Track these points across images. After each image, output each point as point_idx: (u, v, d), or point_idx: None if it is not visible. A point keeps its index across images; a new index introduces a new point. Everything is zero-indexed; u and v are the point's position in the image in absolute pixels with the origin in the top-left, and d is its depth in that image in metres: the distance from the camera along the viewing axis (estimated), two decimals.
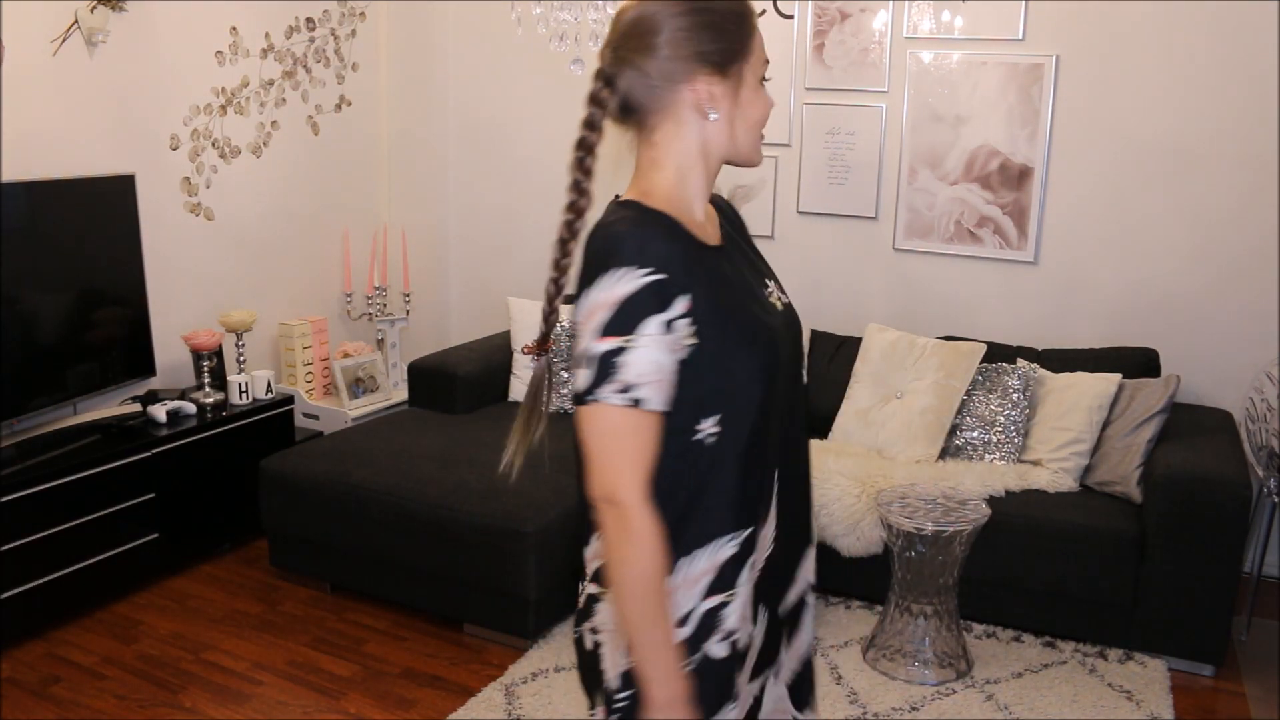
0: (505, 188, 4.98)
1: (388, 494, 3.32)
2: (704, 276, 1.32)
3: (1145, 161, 3.80)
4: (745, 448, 1.35)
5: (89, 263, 3.50)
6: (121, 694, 2.97)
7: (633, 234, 1.29)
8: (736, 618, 1.38)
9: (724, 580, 1.37)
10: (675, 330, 1.28)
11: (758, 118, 1.45)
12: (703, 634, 1.37)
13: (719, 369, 1.31)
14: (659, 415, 1.29)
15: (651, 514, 1.29)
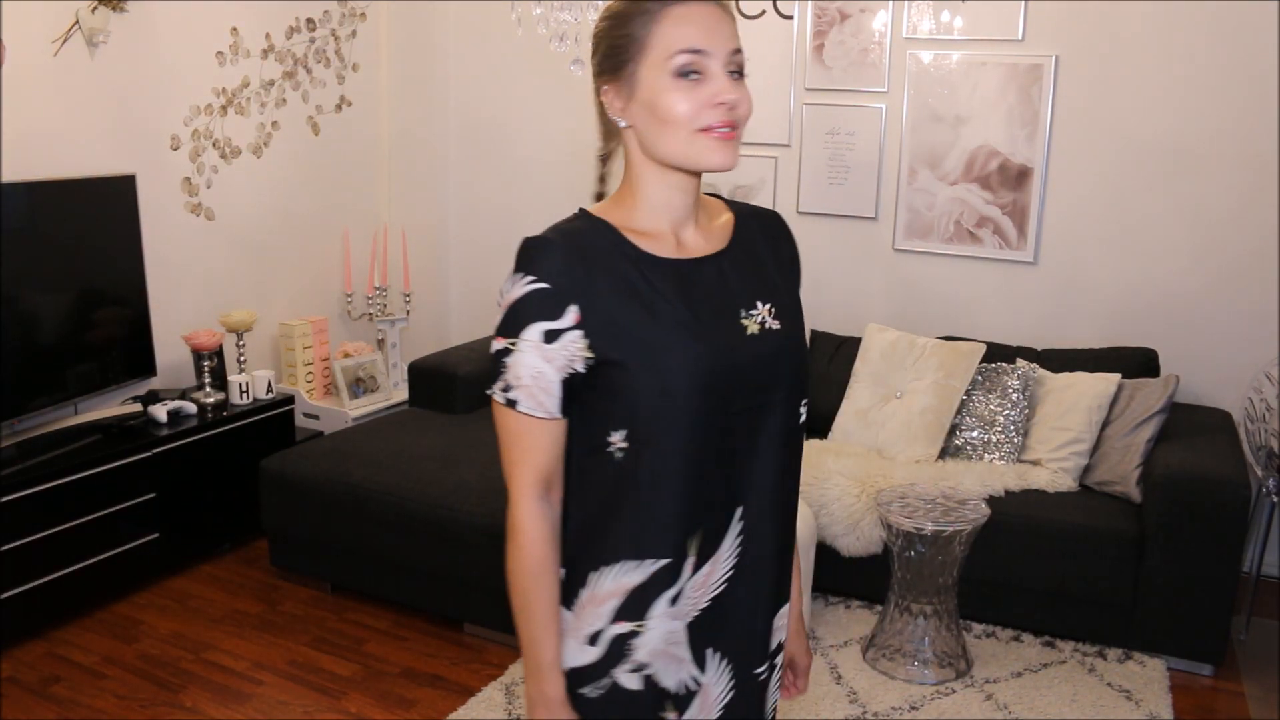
0: (505, 188, 4.98)
1: (388, 494, 3.32)
2: (611, 288, 1.29)
3: (1145, 161, 3.81)
4: (664, 472, 1.30)
5: (89, 263, 3.50)
6: (122, 694, 2.97)
7: (538, 243, 1.31)
8: (648, 652, 1.34)
9: (632, 608, 1.33)
10: (562, 340, 1.28)
11: (668, 114, 1.27)
12: (611, 660, 1.35)
13: (619, 383, 1.29)
14: (541, 420, 1.30)
15: (536, 512, 1.31)
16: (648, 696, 1.35)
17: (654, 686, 1.35)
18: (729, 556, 1.36)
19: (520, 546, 1.32)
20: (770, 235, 1.45)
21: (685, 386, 1.28)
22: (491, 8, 4.77)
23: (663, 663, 1.35)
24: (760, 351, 1.34)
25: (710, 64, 1.27)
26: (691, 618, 1.35)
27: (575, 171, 4.78)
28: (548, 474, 1.33)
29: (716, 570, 1.36)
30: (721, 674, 1.39)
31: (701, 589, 1.35)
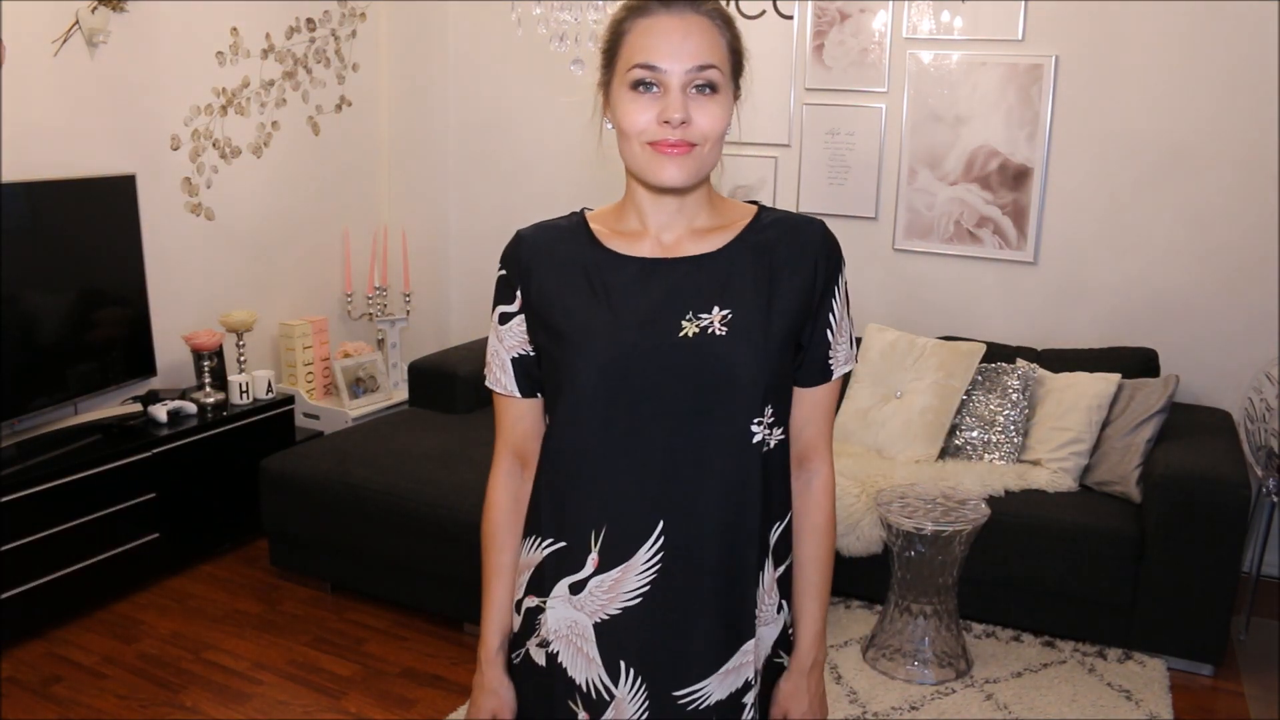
0: (505, 188, 4.98)
1: (388, 494, 3.32)
2: (559, 281, 1.35)
3: (1145, 161, 3.81)
4: (571, 459, 1.34)
5: (90, 263, 3.50)
6: (122, 693, 2.97)
7: (515, 236, 1.43)
8: (551, 632, 1.36)
9: (537, 584, 1.39)
10: (510, 323, 1.41)
11: (623, 125, 1.30)
12: (525, 631, 1.41)
13: (548, 370, 1.38)
14: (503, 396, 1.43)
15: (499, 482, 1.44)
16: (555, 680, 1.36)
17: (562, 673, 1.36)
18: (642, 569, 1.32)
19: (485, 510, 1.45)
20: (795, 245, 1.37)
21: (586, 379, 1.31)
22: (491, 8, 4.77)
23: (569, 652, 1.36)
24: (686, 358, 1.30)
25: (668, 79, 1.26)
26: (598, 619, 1.34)
27: (575, 171, 4.78)
28: (517, 447, 1.44)
29: (627, 579, 1.32)
30: (635, 692, 1.34)
31: (610, 593, 1.33)
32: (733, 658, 1.35)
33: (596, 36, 3.28)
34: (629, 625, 1.33)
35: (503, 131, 4.92)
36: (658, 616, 1.32)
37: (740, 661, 1.35)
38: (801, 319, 1.36)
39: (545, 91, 4.78)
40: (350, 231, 4.73)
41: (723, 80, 1.28)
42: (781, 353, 1.34)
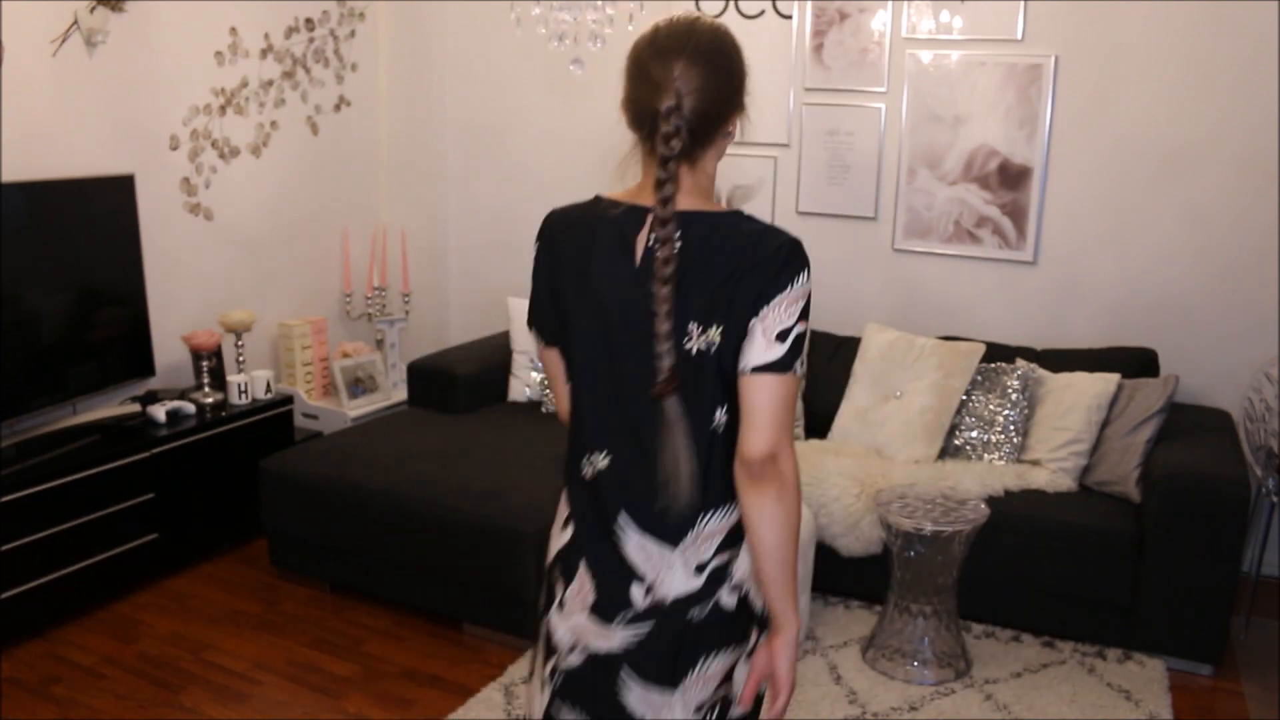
0: (505, 187, 4.98)
1: (387, 494, 3.32)
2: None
3: (1145, 161, 3.81)
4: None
5: (89, 263, 3.50)
6: (121, 694, 2.97)
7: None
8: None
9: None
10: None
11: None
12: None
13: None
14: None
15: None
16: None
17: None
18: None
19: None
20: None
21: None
22: (490, 7, 4.77)
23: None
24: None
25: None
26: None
27: (574, 171, 4.77)
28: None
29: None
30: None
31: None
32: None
33: (595, 36, 3.28)
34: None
35: (501, 131, 4.92)
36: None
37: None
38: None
39: (544, 91, 4.78)
40: (349, 231, 4.73)
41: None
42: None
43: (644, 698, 1.55)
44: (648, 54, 1.48)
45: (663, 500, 1.51)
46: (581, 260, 1.53)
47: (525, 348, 4.22)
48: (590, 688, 1.57)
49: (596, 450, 1.56)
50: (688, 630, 1.53)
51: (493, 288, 5.05)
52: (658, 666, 1.54)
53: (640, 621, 1.54)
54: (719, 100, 1.47)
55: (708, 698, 1.55)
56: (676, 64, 1.44)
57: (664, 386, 1.44)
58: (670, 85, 1.44)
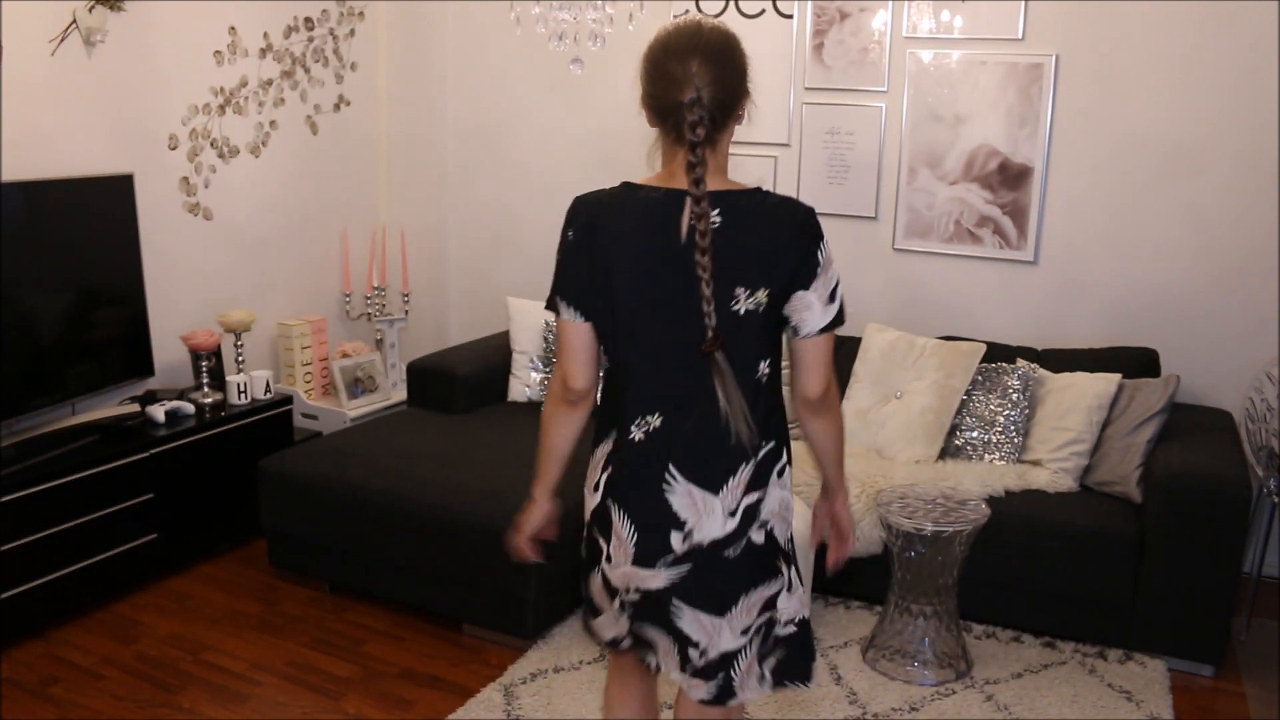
0: (504, 187, 4.98)
1: (387, 494, 3.32)
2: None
3: (1145, 161, 3.80)
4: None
5: (87, 263, 3.49)
6: (120, 694, 2.96)
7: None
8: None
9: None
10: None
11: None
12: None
13: None
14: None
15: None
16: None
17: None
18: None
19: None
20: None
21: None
22: (490, 7, 4.77)
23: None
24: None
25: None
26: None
27: (574, 170, 4.77)
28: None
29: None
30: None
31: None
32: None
33: (595, 36, 3.28)
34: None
35: (501, 131, 4.92)
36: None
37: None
38: None
39: (544, 91, 4.78)
40: (349, 231, 4.73)
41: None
42: None
43: (695, 620, 1.82)
44: (664, 56, 1.71)
45: (732, 438, 1.75)
46: (628, 240, 1.74)
47: (525, 348, 4.21)
48: (652, 612, 1.85)
49: (649, 413, 1.78)
50: (724, 566, 1.79)
51: (492, 288, 5.04)
52: (703, 598, 1.81)
53: (680, 564, 1.80)
54: (732, 89, 1.72)
55: (753, 622, 1.84)
56: (693, 62, 1.68)
57: (713, 343, 1.69)
58: (690, 81, 1.68)
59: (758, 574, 1.83)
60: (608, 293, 1.76)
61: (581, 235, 1.78)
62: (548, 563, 3.16)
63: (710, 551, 1.79)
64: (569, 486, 2.02)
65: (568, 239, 1.81)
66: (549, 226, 4.93)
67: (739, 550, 1.80)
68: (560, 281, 1.81)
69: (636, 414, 1.79)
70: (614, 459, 1.83)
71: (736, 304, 1.71)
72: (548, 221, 4.91)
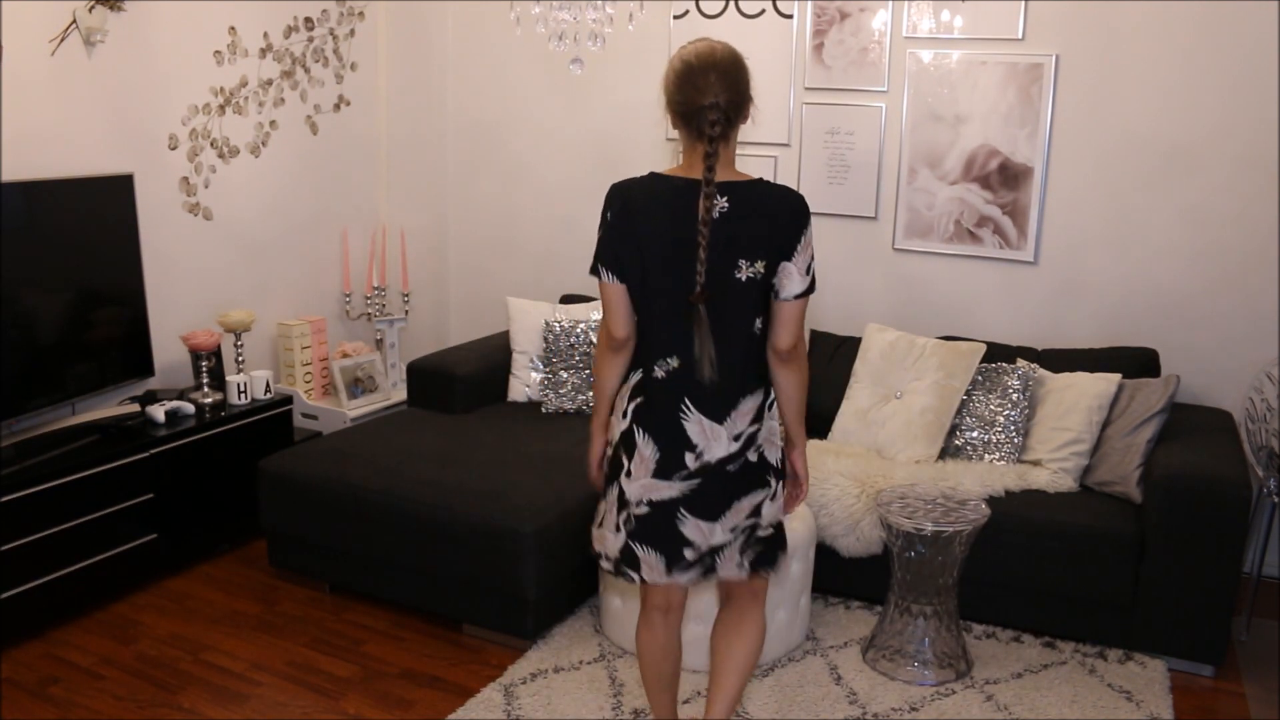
0: (504, 187, 4.98)
1: (387, 494, 3.32)
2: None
3: (1145, 161, 3.80)
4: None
5: (87, 263, 3.49)
6: (120, 694, 2.96)
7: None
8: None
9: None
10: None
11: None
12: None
13: None
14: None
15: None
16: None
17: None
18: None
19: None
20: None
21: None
22: (490, 7, 4.77)
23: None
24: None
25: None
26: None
27: (574, 169, 4.77)
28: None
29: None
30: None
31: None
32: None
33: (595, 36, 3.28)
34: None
35: (501, 131, 4.92)
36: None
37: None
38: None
39: (544, 91, 4.78)
40: (349, 231, 4.73)
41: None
42: None
43: (695, 526, 2.25)
44: (688, 71, 2.14)
45: (709, 376, 2.16)
46: (658, 217, 2.15)
47: (525, 348, 4.21)
48: (655, 526, 2.25)
49: (669, 356, 2.19)
50: (725, 479, 2.23)
51: (492, 287, 5.05)
52: (704, 506, 2.24)
53: (691, 478, 2.22)
54: (741, 95, 2.16)
55: (740, 523, 2.27)
56: (712, 75, 2.12)
57: (699, 296, 2.10)
58: (710, 89, 2.11)
59: (750, 484, 2.26)
60: (639, 260, 2.16)
61: (619, 215, 2.18)
62: (548, 563, 3.18)
63: (716, 468, 2.22)
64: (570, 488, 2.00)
65: (607, 218, 2.19)
66: (549, 226, 4.94)
67: (738, 466, 2.23)
68: (601, 252, 2.20)
69: (659, 356, 2.20)
70: (641, 391, 2.24)
71: (739, 272, 2.13)
72: (548, 221, 4.91)
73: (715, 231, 2.09)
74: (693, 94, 2.12)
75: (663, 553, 2.27)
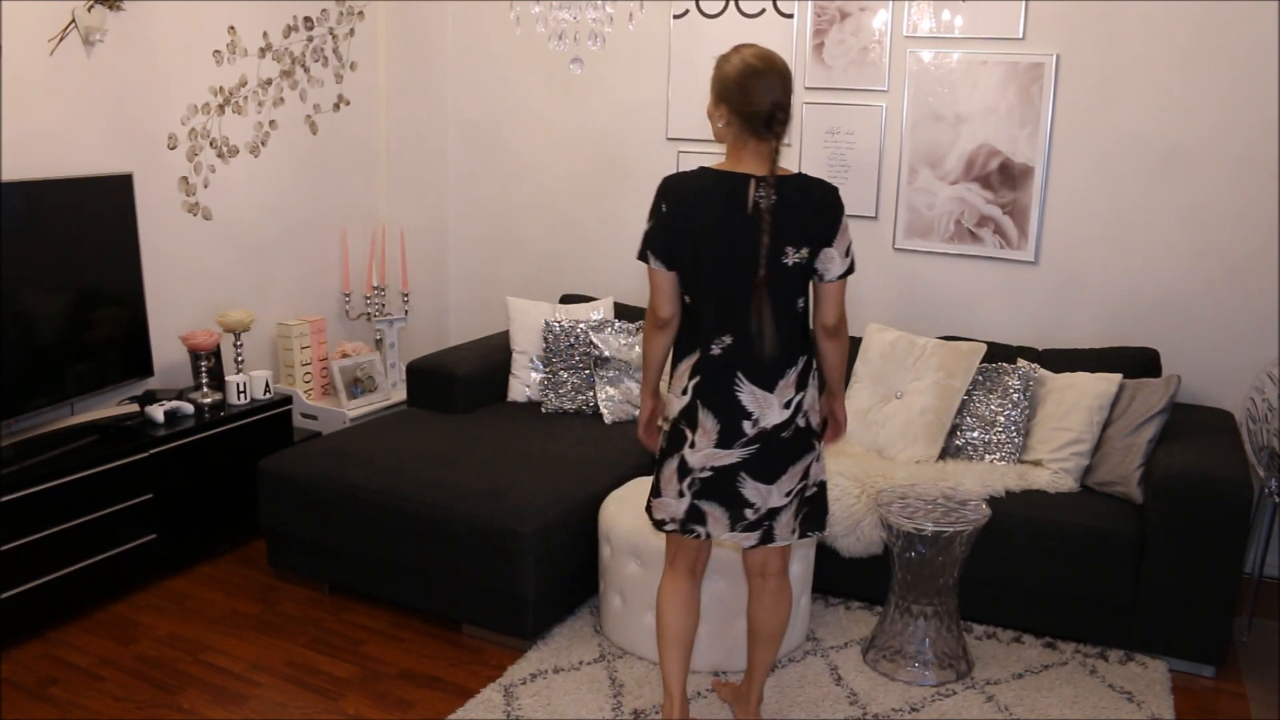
0: (504, 187, 4.97)
1: (386, 494, 3.31)
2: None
3: (1145, 161, 3.80)
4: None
5: (87, 263, 3.49)
6: (119, 695, 2.96)
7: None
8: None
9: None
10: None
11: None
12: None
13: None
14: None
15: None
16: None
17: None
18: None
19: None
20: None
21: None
22: (490, 7, 4.76)
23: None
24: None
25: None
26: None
27: (574, 169, 4.77)
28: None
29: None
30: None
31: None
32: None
33: (595, 35, 3.27)
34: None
35: (501, 131, 4.91)
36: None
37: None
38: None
39: (544, 90, 4.77)
40: (348, 231, 4.72)
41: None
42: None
43: (754, 488, 2.45)
44: (751, 73, 2.32)
45: (769, 350, 2.38)
46: (713, 209, 2.34)
47: (525, 348, 4.21)
48: (718, 486, 2.46)
49: (723, 334, 2.40)
50: (780, 444, 2.45)
51: (492, 287, 5.04)
52: (763, 469, 2.45)
53: (750, 444, 2.43)
54: (791, 98, 2.36)
55: (794, 486, 2.49)
56: (774, 77, 2.33)
57: (763, 279, 2.34)
58: (772, 90, 2.31)
59: (801, 449, 2.48)
60: (693, 248, 2.36)
61: (673, 206, 2.37)
62: (548, 563, 3.18)
63: (772, 434, 2.43)
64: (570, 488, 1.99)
65: (661, 209, 2.39)
66: (549, 226, 4.94)
67: (790, 433, 2.45)
68: (650, 240, 2.41)
69: (714, 335, 2.40)
70: (699, 369, 2.43)
71: (787, 258, 2.35)
72: (548, 221, 4.91)
73: (767, 214, 2.31)
74: (757, 95, 2.30)
75: (727, 508, 2.47)
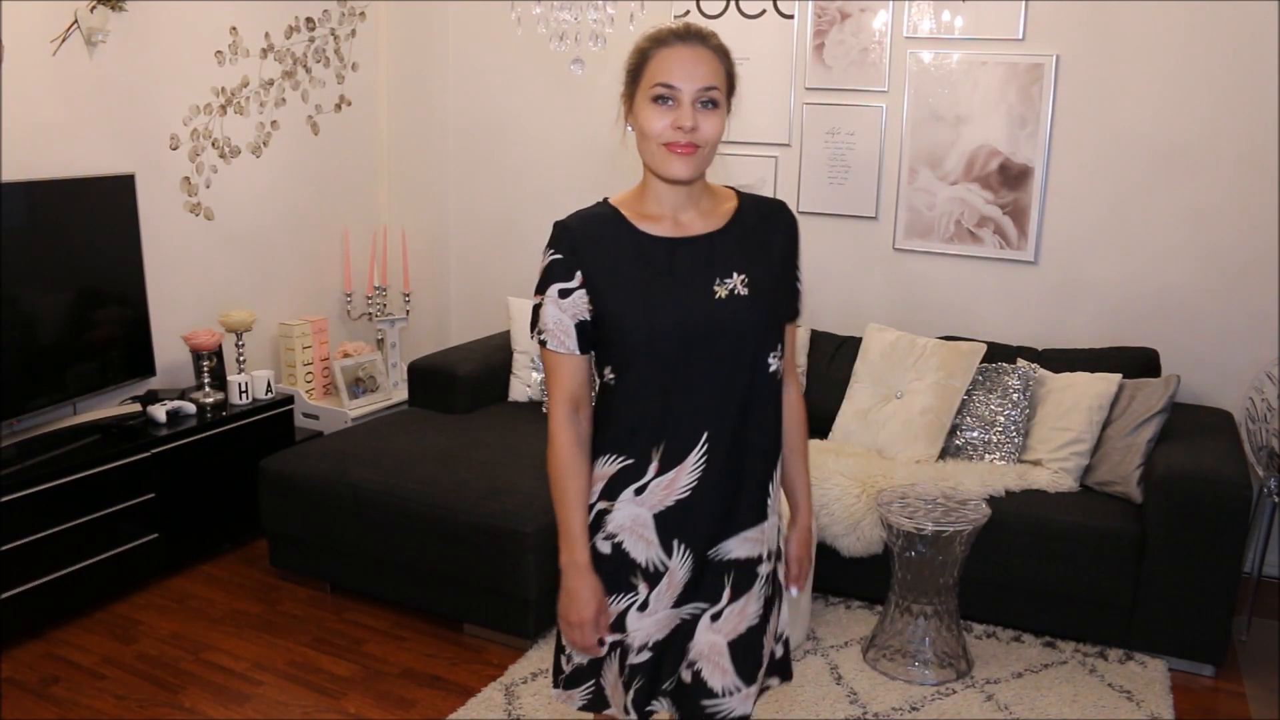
0: (505, 187, 4.98)
1: (388, 494, 3.32)
2: (611, 259, 1.73)
3: (1145, 161, 3.80)
4: (634, 394, 1.75)
5: (89, 262, 3.49)
6: (121, 694, 2.97)
7: (560, 225, 1.77)
8: (616, 526, 1.78)
9: (610, 490, 1.78)
10: (572, 296, 1.74)
11: (646, 130, 1.70)
12: (593, 529, 1.80)
13: (611, 328, 1.73)
14: (563, 355, 1.75)
15: (564, 424, 1.76)
16: (617, 562, 1.78)
17: (623, 555, 1.78)
18: (692, 470, 1.75)
19: (553, 450, 1.78)
20: (768, 219, 1.83)
21: (657, 336, 1.71)
22: (491, 7, 4.77)
23: (632, 539, 1.78)
24: (723, 313, 1.72)
25: (681, 95, 1.67)
26: (658, 510, 1.76)
27: (575, 169, 4.77)
28: (574, 396, 1.77)
29: (680, 479, 1.75)
30: (684, 560, 1.79)
31: (667, 490, 1.76)
32: (751, 530, 1.81)
33: (596, 36, 3.28)
34: (680, 514, 1.77)
35: (502, 131, 4.92)
36: (700, 504, 1.76)
37: (757, 536, 1.81)
38: (783, 274, 1.83)
39: (545, 91, 4.78)
40: (350, 231, 4.73)
41: (722, 98, 1.71)
42: (782, 301, 1.82)
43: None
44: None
45: None
46: None
47: (526, 348, 4.21)
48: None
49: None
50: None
51: (493, 287, 5.04)
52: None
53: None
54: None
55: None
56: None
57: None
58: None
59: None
60: None
61: None
62: (548, 563, 3.18)
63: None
64: None
65: None
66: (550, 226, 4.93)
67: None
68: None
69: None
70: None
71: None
72: (549, 221, 4.89)
73: None
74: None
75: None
